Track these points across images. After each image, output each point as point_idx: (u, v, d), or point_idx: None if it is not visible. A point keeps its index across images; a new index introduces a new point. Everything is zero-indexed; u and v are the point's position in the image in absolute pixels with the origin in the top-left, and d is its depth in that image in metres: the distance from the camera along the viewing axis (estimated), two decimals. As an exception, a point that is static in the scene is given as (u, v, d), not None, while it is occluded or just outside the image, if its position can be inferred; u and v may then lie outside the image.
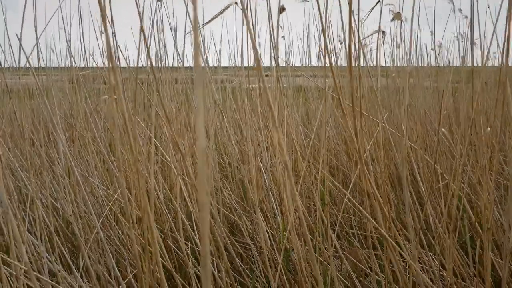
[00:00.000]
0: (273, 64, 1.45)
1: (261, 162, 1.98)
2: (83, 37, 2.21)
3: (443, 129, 1.88)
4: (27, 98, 2.65)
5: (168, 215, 1.61)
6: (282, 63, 3.68)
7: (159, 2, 1.90)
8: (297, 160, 2.05)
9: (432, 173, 1.60)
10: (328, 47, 1.19)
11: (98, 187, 1.83)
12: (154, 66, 2.75)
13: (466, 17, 2.82)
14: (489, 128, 1.49)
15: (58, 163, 1.78)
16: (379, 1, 1.53)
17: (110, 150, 2.10)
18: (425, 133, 2.36)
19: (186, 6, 1.38)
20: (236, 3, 0.95)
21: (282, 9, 2.57)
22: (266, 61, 3.15)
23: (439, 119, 1.42)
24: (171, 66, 2.75)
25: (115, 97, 0.89)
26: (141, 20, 1.11)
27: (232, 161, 2.20)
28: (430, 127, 2.33)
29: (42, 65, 3.00)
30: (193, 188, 1.57)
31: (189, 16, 1.75)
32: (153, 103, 1.43)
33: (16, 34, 1.77)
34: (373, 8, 1.64)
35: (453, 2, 2.89)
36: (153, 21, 1.78)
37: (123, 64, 3.10)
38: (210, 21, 1.00)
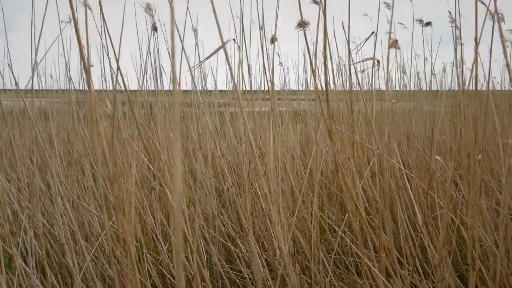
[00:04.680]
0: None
1: (258, 188, 1.98)
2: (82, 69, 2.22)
3: (437, 157, 1.89)
4: (26, 121, 2.66)
5: (163, 244, 1.61)
6: (280, 87, 3.71)
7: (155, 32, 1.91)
8: (294, 188, 2.05)
9: (428, 201, 1.60)
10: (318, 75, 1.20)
11: (94, 214, 1.83)
12: (151, 89, 2.78)
13: (462, 44, 2.83)
14: (480, 155, 1.50)
15: (55, 189, 1.78)
16: (373, 32, 1.55)
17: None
18: (422, 159, 2.37)
19: (180, 38, 1.40)
20: (234, 39, 0.97)
21: (274, 39, 2.59)
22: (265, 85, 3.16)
23: (430, 147, 1.43)
24: (168, 89, 2.77)
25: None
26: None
27: (229, 187, 2.20)
28: (426, 155, 2.34)
29: (43, 88, 3.02)
30: (190, 217, 1.57)
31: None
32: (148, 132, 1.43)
33: (9, 65, 1.79)
34: (367, 38, 1.67)
35: (457, 27, 2.91)
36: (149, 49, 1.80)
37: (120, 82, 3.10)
38: (206, 59, 1.01)
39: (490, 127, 2.40)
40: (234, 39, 1.61)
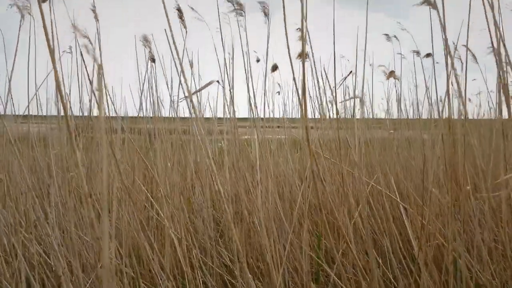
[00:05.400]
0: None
1: (256, 219, 1.98)
2: (82, 95, 2.26)
3: (433, 189, 1.90)
4: (24, 148, 2.67)
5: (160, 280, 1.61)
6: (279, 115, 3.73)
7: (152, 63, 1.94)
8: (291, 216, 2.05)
9: (426, 233, 1.60)
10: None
11: (91, 245, 1.82)
12: (149, 116, 2.80)
13: (456, 76, 2.87)
14: (468, 187, 1.51)
15: (52, 219, 1.78)
16: (351, 72, 1.57)
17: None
18: (419, 190, 2.37)
19: (178, 72, 1.42)
20: (217, 81, 0.99)
21: (275, 68, 2.63)
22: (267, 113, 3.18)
23: (422, 178, 1.44)
24: (167, 116, 2.80)
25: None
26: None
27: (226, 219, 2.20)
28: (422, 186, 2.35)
29: (41, 114, 3.04)
30: (188, 248, 1.58)
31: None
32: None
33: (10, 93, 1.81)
34: (345, 77, 1.69)
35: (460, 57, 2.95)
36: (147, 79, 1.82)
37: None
38: (195, 92, 1.03)
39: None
40: (218, 81, 1.66)
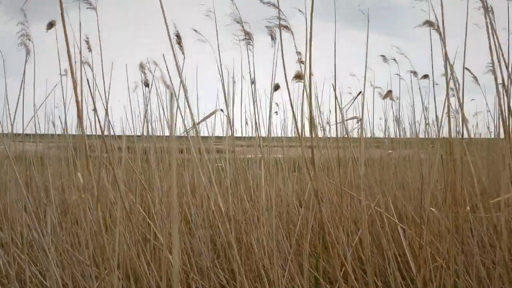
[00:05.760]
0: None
1: (253, 239, 1.97)
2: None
3: (432, 209, 1.89)
4: (22, 167, 2.66)
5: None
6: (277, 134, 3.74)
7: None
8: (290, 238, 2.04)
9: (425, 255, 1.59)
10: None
11: (88, 266, 1.81)
12: (144, 135, 2.81)
13: (454, 95, 2.89)
14: (467, 208, 1.50)
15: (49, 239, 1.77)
16: (360, 92, 1.58)
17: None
18: (417, 208, 2.37)
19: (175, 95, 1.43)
20: (221, 109, 1.00)
21: (276, 87, 2.64)
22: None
23: (420, 198, 1.44)
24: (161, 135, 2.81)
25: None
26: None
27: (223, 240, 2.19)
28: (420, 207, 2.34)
29: (40, 132, 3.03)
30: (186, 271, 1.56)
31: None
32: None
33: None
34: (355, 98, 1.71)
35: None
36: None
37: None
38: (199, 123, 1.03)
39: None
40: (221, 109, 1.69)
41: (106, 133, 2.94)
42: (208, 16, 2.06)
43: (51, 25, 2.52)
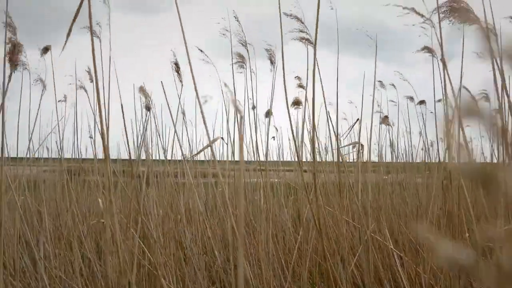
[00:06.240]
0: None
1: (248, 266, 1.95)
2: (76, 138, 2.27)
3: (427, 235, 1.88)
4: (16, 192, 2.63)
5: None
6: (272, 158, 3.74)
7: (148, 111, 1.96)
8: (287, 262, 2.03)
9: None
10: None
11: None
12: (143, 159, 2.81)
13: (462, 127, 2.90)
14: (467, 234, 1.49)
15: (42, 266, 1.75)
16: (358, 119, 1.58)
17: (97, 251, 2.07)
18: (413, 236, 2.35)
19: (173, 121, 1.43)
20: (222, 137, 1.00)
21: (268, 113, 2.64)
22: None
23: (415, 228, 1.42)
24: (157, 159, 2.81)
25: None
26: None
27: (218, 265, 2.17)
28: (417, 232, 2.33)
29: (35, 156, 3.02)
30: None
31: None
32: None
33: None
34: (353, 125, 1.71)
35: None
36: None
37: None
38: (200, 151, 1.03)
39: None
40: (222, 137, 1.69)
41: (101, 156, 2.94)
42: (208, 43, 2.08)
43: (46, 49, 2.53)
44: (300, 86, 2.30)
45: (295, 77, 2.32)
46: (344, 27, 2.46)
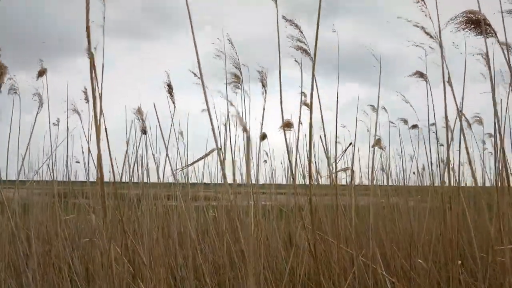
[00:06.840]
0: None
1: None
2: (67, 160, 2.26)
3: (419, 260, 1.87)
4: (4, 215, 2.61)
5: None
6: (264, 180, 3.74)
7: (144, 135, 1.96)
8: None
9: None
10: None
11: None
12: (135, 181, 2.79)
13: (442, 145, 2.92)
14: (460, 261, 1.49)
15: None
16: (351, 143, 1.59)
17: (86, 276, 2.03)
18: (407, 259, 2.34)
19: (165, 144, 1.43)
20: (220, 148, 0.99)
21: (263, 137, 2.65)
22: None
23: (409, 251, 1.42)
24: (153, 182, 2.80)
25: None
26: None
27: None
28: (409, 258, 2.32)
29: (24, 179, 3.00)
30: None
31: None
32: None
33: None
34: (345, 149, 1.71)
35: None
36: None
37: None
38: (192, 164, 1.02)
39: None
40: (220, 148, 1.66)
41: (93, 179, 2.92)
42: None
43: (41, 73, 2.54)
44: (306, 104, 2.30)
45: (301, 93, 2.30)
46: (335, 52, 2.48)
